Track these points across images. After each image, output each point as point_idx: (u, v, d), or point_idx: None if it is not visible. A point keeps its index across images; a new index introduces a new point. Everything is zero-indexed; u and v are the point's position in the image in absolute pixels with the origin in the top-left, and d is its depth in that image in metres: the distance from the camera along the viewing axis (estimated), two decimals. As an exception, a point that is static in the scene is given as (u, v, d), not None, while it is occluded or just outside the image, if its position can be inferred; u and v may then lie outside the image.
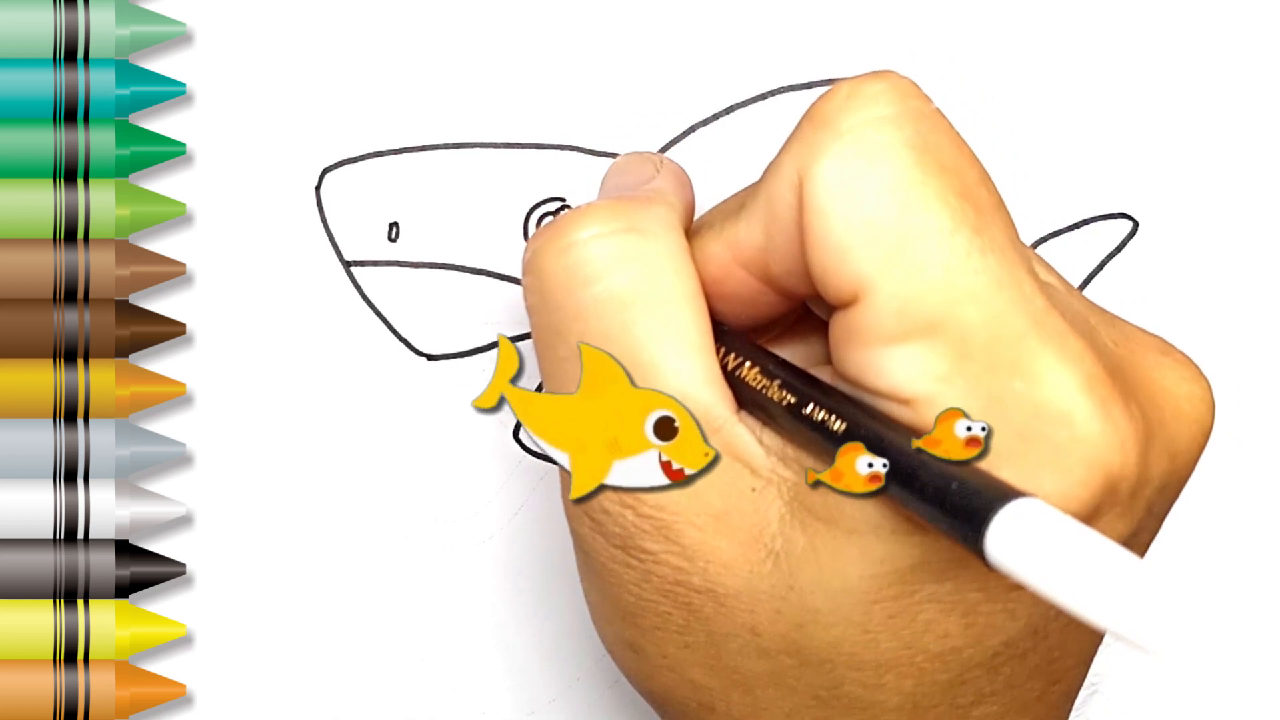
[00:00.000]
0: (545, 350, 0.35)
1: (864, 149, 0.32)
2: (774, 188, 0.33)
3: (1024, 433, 0.31)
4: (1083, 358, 0.31)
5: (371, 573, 0.44)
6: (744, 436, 0.34)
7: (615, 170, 0.39)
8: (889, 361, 0.32)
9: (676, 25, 0.44)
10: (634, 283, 0.34)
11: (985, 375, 0.31)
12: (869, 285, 0.32)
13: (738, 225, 0.34)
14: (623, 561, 0.35)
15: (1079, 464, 0.31)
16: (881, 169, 0.32)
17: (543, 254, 0.35)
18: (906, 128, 0.32)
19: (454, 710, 0.44)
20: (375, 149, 0.44)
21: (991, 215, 0.32)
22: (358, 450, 0.44)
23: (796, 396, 0.33)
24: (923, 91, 0.33)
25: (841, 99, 0.32)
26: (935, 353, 0.31)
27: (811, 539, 0.33)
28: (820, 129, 0.32)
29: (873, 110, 0.32)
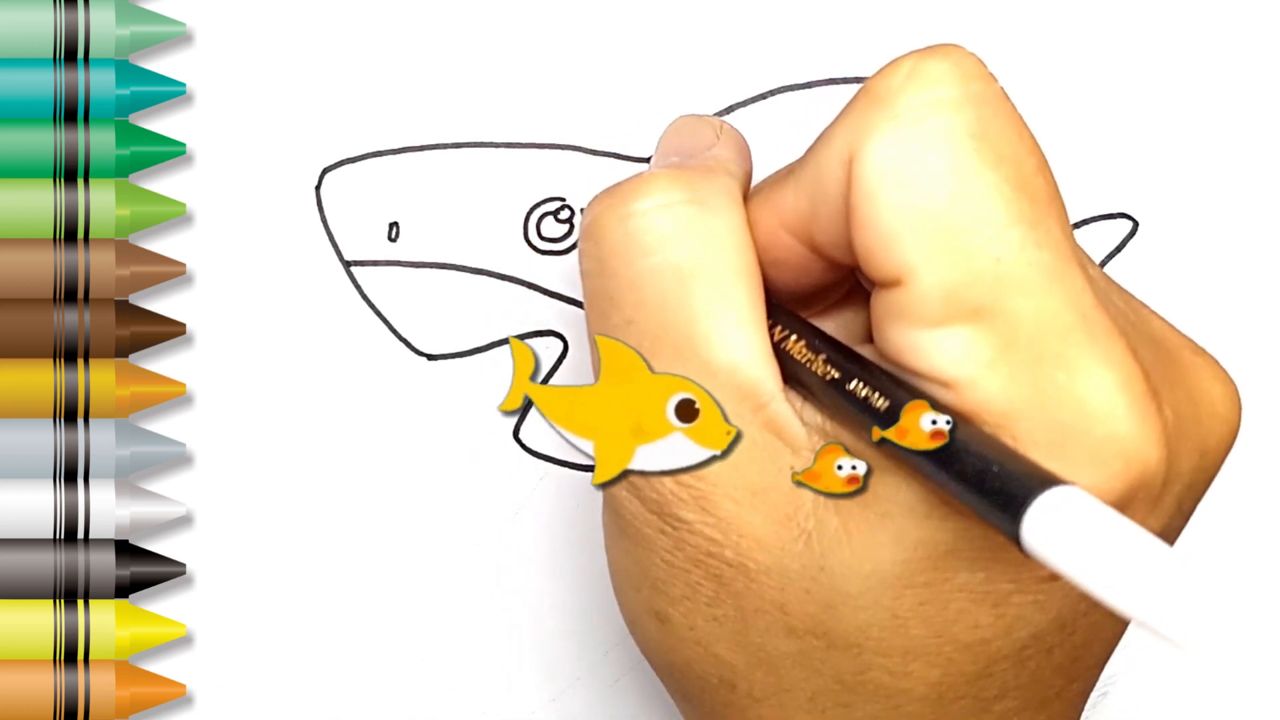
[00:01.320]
0: (598, 317, 0.35)
1: (920, 133, 0.31)
2: (823, 159, 0.33)
3: (1063, 425, 0.31)
4: (1124, 357, 0.31)
5: (371, 573, 0.44)
6: (787, 413, 0.34)
7: (673, 132, 0.38)
8: (931, 344, 0.31)
9: (676, 25, 0.44)
10: (693, 255, 0.34)
11: (1030, 365, 0.31)
12: (913, 271, 0.31)
13: (784, 191, 0.34)
14: (657, 527, 0.34)
15: (1115, 459, 0.31)
16: (936, 155, 0.31)
17: (603, 220, 0.34)
18: (967, 113, 0.32)
19: (454, 710, 0.44)
20: (375, 149, 0.44)
21: (1048, 207, 0.32)
22: (358, 450, 0.44)
23: (840, 371, 0.33)
24: (987, 70, 0.32)
25: (902, 77, 0.32)
26: (981, 338, 0.31)
27: (845, 521, 0.33)
28: (876, 107, 0.32)
29: (933, 92, 0.32)
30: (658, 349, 0.34)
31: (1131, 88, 0.44)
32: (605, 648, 0.44)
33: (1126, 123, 0.44)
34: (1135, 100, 0.44)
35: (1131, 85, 0.44)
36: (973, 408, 0.31)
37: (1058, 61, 0.44)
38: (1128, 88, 0.44)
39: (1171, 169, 0.44)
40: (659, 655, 0.36)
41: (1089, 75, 0.44)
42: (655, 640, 0.36)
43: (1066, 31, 0.44)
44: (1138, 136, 0.44)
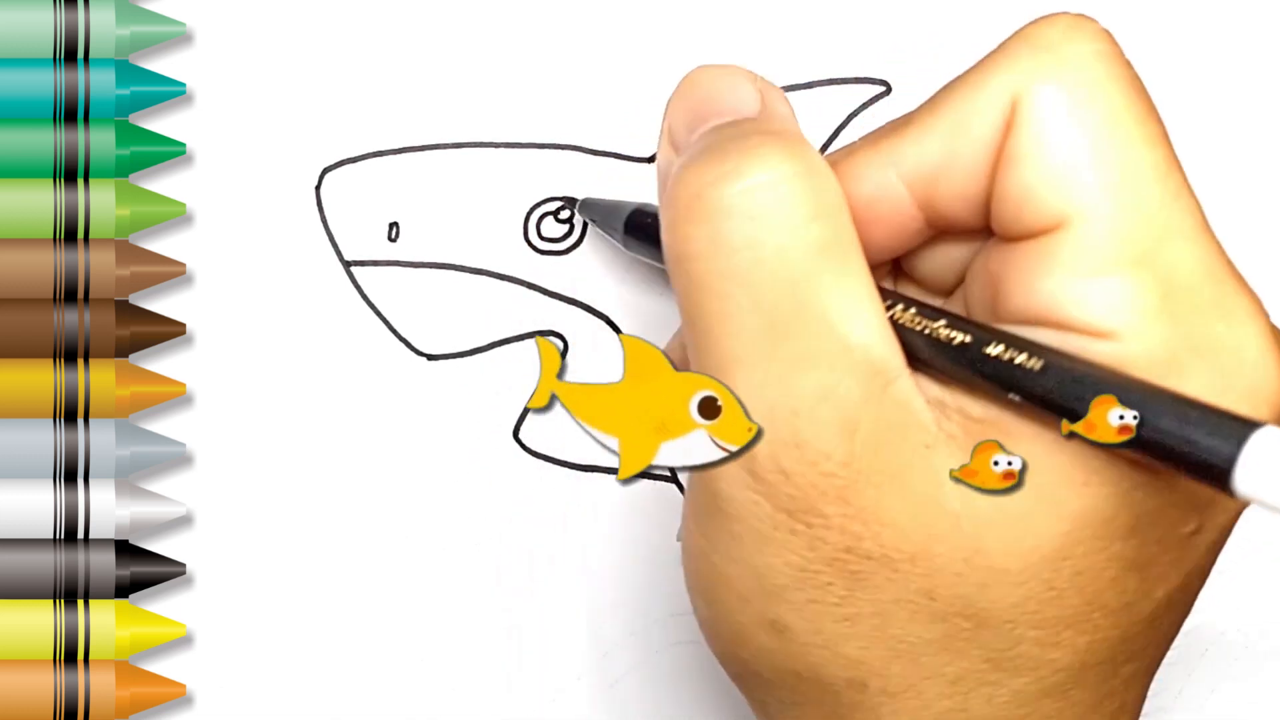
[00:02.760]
0: (715, 300, 0.33)
1: (1090, 77, 0.32)
2: (973, 104, 0.33)
3: (1223, 371, 0.31)
4: (1258, 306, 0.32)
5: (371, 573, 0.44)
6: (912, 389, 0.33)
7: (699, 85, 0.35)
8: (1092, 292, 0.31)
9: (677, 25, 0.44)
10: (827, 229, 0.32)
11: (1190, 313, 0.31)
12: (1082, 212, 0.31)
13: (903, 141, 0.33)
14: (788, 528, 0.33)
15: (1264, 404, 0.31)
16: (1107, 99, 0.32)
17: (713, 195, 0.32)
18: (1122, 65, 0.32)
19: (454, 710, 0.44)
20: (375, 149, 0.44)
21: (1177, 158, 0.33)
22: (358, 450, 0.44)
23: (970, 335, 0.32)
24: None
25: (1064, 27, 0.33)
26: (1144, 286, 0.31)
27: (996, 499, 0.32)
28: (1043, 52, 0.32)
29: (1096, 44, 0.32)
30: (791, 328, 0.32)
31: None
32: (605, 648, 0.44)
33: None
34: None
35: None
36: (1136, 358, 0.31)
37: (1058, 61, 0.44)
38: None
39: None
40: (769, 667, 0.34)
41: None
42: (768, 652, 0.34)
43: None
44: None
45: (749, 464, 0.33)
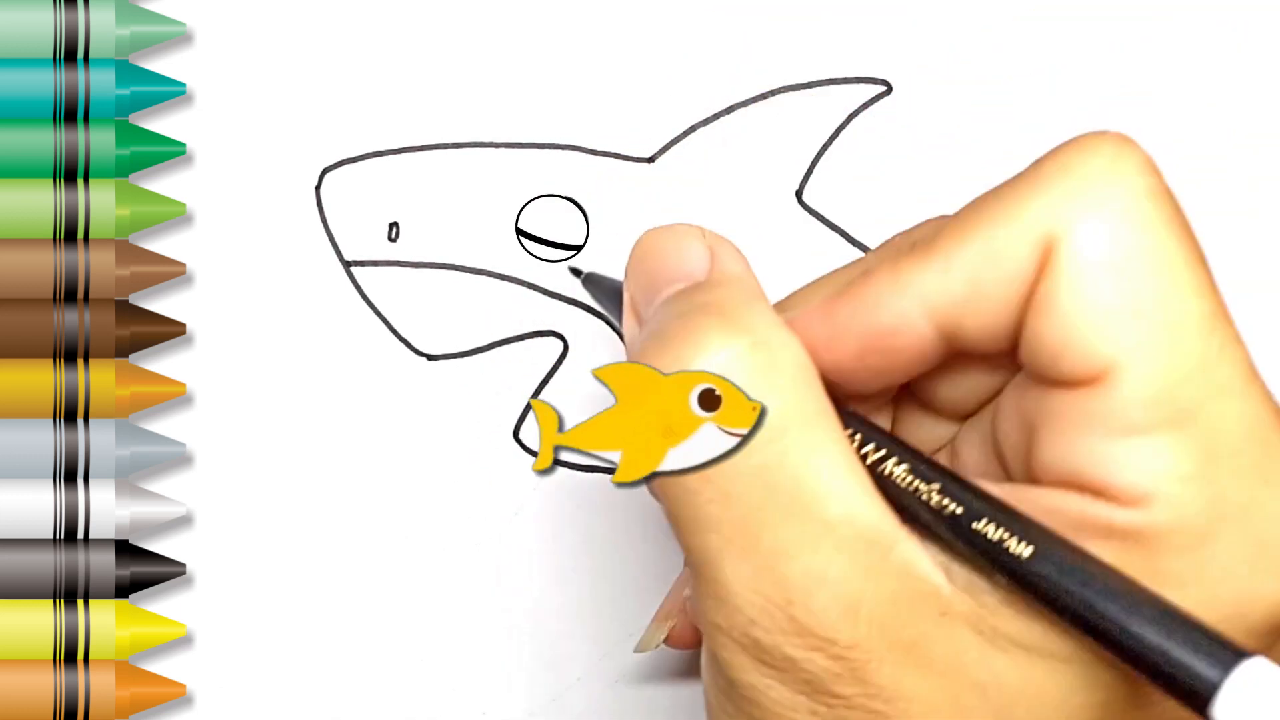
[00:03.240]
0: (683, 495, 0.31)
1: (1134, 219, 0.30)
2: (1004, 235, 0.30)
3: (1263, 540, 0.29)
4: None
5: (371, 573, 0.44)
6: (918, 554, 0.31)
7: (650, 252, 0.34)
8: (1130, 454, 0.29)
9: (677, 25, 0.44)
10: (779, 409, 0.30)
11: (1231, 478, 0.29)
12: (1121, 367, 0.29)
13: (927, 269, 0.31)
14: (809, 709, 0.31)
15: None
16: (1150, 244, 0.29)
17: None
18: (1170, 204, 0.30)
19: (454, 710, 0.44)
20: (375, 149, 0.44)
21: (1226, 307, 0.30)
22: (358, 450, 0.44)
23: (961, 505, 0.30)
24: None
25: (1108, 157, 0.30)
26: (1183, 449, 0.29)
27: (1024, 669, 0.30)
28: (1084, 186, 0.30)
29: (1144, 178, 0.30)
30: (765, 517, 0.30)
31: (1131, 87, 0.44)
32: (605, 648, 0.44)
33: (1126, 122, 0.44)
34: (1135, 100, 0.44)
35: (1131, 85, 0.44)
36: (1167, 525, 0.29)
37: (1058, 61, 0.44)
38: (1128, 87, 0.44)
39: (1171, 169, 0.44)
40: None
41: (1088, 75, 0.44)
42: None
43: (1066, 31, 0.44)
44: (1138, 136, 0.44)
45: (756, 651, 0.31)
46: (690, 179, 0.44)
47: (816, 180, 0.44)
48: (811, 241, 0.44)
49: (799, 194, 0.44)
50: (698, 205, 0.44)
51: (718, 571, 0.31)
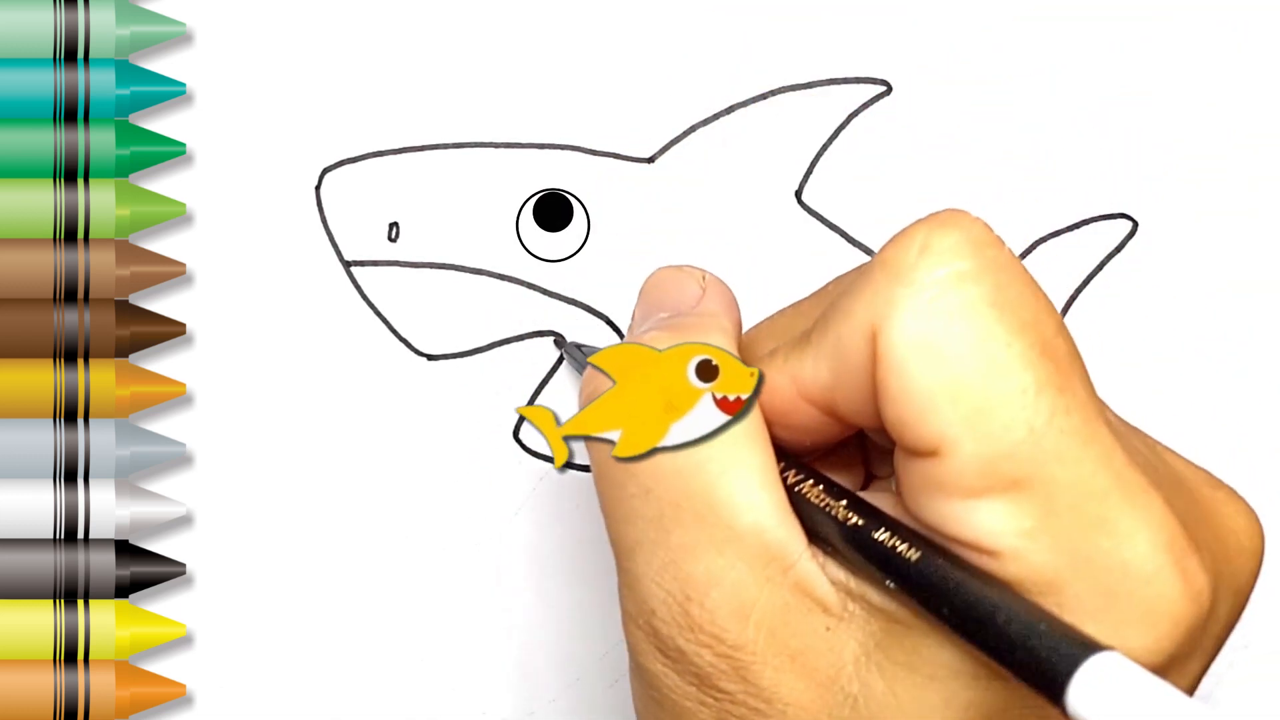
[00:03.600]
0: (612, 488, 0.34)
1: (944, 306, 0.31)
2: (844, 334, 0.33)
3: (1109, 590, 0.31)
4: (1163, 515, 0.31)
5: (371, 573, 0.44)
6: (815, 572, 0.33)
7: (656, 286, 0.38)
8: (970, 514, 0.31)
9: (677, 25, 0.44)
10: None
11: (1071, 532, 0.31)
12: (949, 442, 0.31)
13: (804, 361, 0.34)
14: (698, 700, 0.34)
15: (1163, 620, 0.31)
16: (963, 328, 0.31)
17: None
18: (986, 282, 0.32)
19: (454, 710, 0.44)
20: (375, 149, 0.44)
21: (1071, 368, 0.32)
22: (358, 450, 0.44)
23: (864, 519, 0.33)
24: (995, 236, 0.32)
25: (915, 251, 0.32)
26: (1020, 509, 0.31)
27: (891, 684, 0.33)
28: (895, 282, 0.32)
29: (951, 264, 0.32)
30: (679, 516, 0.33)
31: (1131, 87, 0.44)
32: (605, 648, 0.44)
33: (1126, 122, 0.44)
34: (1135, 100, 0.44)
35: (1131, 85, 0.44)
36: (1017, 576, 0.31)
37: (1058, 61, 0.44)
38: (1127, 87, 0.44)
39: (1171, 169, 0.44)
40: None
41: (1089, 75, 0.44)
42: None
43: (1066, 31, 0.44)
44: (1138, 136, 0.44)
45: (655, 640, 0.34)
46: (690, 179, 0.44)
47: (816, 180, 0.44)
48: (811, 241, 0.44)
49: (799, 194, 0.44)
50: (698, 205, 0.44)
51: (630, 561, 0.34)
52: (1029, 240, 0.44)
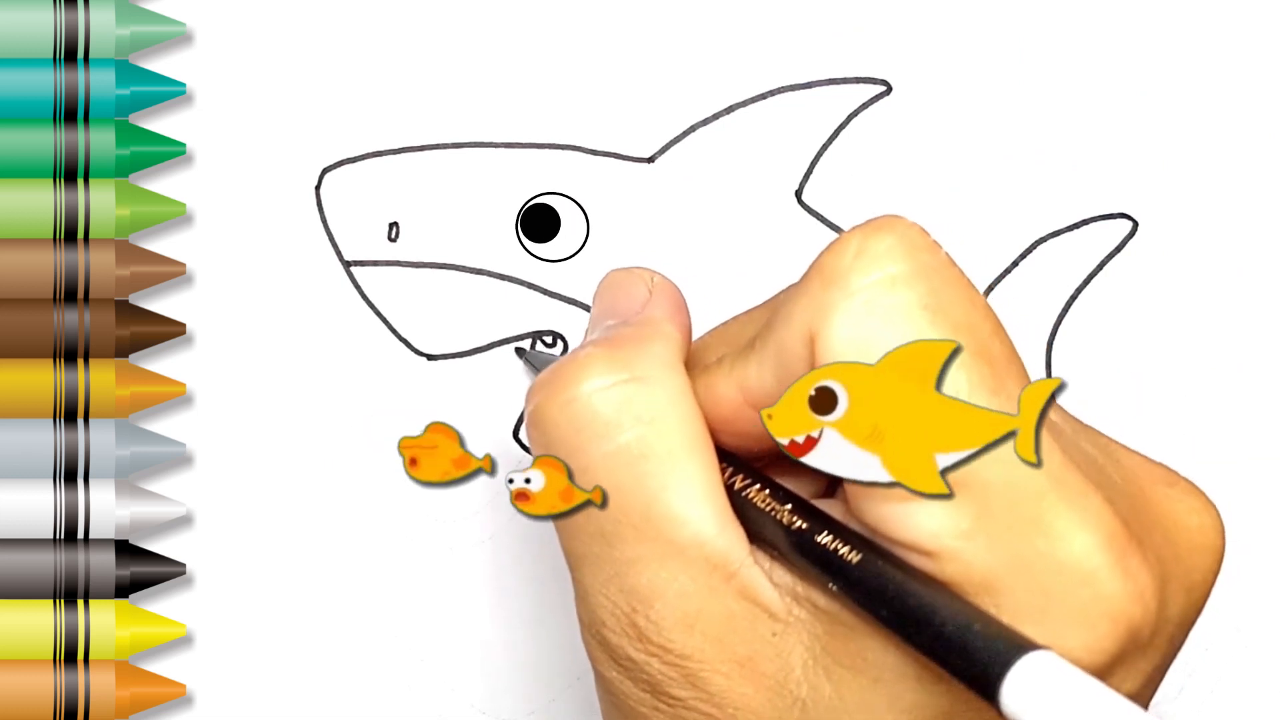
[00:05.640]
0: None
1: (876, 310, 0.32)
2: (784, 339, 0.33)
3: (1047, 590, 0.31)
4: (1101, 513, 0.31)
5: (371, 573, 0.44)
6: (759, 578, 0.34)
7: (605, 291, 0.38)
8: (907, 516, 0.31)
9: (676, 25, 0.44)
10: (641, 437, 0.34)
11: (1007, 533, 0.31)
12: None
13: (748, 367, 0.34)
14: (652, 705, 0.35)
15: (1102, 619, 0.31)
16: (894, 332, 0.31)
17: (545, 409, 0.34)
18: (919, 286, 0.32)
19: (454, 710, 0.44)
20: (375, 149, 0.44)
21: (1006, 370, 0.32)
22: (358, 450, 0.44)
23: (808, 522, 0.33)
24: (931, 239, 0.33)
25: (850, 256, 0.32)
26: (958, 509, 0.31)
27: (838, 687, 0.33)
28: (830, 287, 0.32)
29: (883, 269, 0.32)
30: (620, 531, 0.34)
31: (1131, 87, 0.44)
32: None
33: (1126, 123, 0.44)
34: (1135, 100, 0.44)
35: (1131, 85, 0.44)
36: (955, 577, 0.31)
37: (1059, 61, 0.44)
38: (1127, 87, 0.44)
39: (1171, 169, 0.44)
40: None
41: (1089, 75, 0.44)
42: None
43: (1067, 32, 0.44)
44: (1138, 136, 0.44)
45: (607, 650, 0.35)
46: (690, 179, 0.44)
47: (816, 180, 0.44)
48: (811, 241, 0.44)
49: (799, 194, 0.44)
50: (698, 205, 0.44)
51: (581, 574, 0.35)
52: (1030, 240, 0.44)
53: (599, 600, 0.34)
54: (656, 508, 0.33)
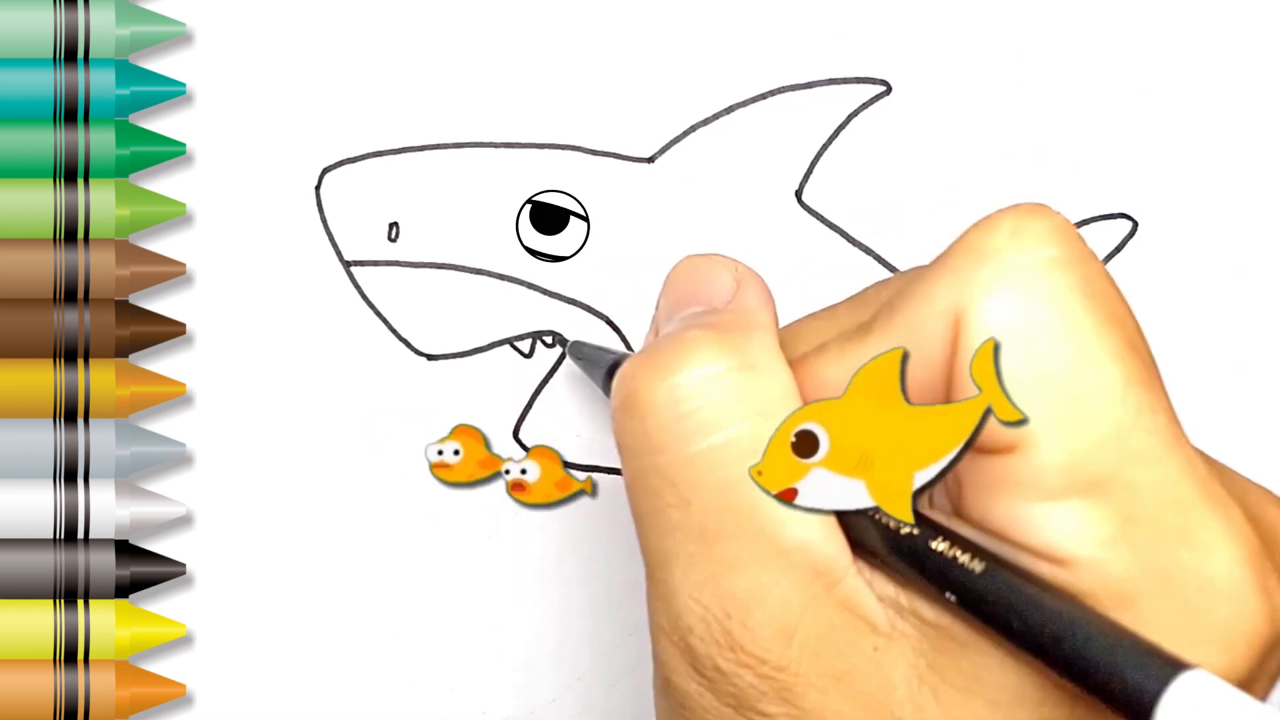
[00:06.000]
0: (647, 496, 0.32)
1: (1036, 291, 0.30)
2: (920, 317, 0.31)
3: (1188, 606, 0.29)
4: (1243, 529, 0.30)
5: (371, 573, 0.44)
6: (862, 589, 0.32)
7: (685, 276, 0.35)
8: (1047, 518, 0.30)
9: (676, 25, 0.44)
10: (754, 430, 0.31)
11: (1152, 542, 0.29)
12: (1033, 435, 0.30)
13: (865, 350, 0.32)
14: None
15: (1240, 639, 0.29)
16: (1054, 314, 0.30)
17: (645, 391, 0.32)
18: (1077, 271, 0.30)
19: (454, 710, 0.44)
20: (375, 149, 0.44)
21: (1154, 371, 0.30)
22: (358, 450, 0.44)
23: (920, 529, 0.31)
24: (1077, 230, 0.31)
25: (1007, 233, 0.30)
26: (1100, 514, 0.30)
27: (947, 709, 0.31)
28: (985, 263, 0.30)
29: (1043, 250, 0.30)
30: (722, 529, 0.31)
31: (1131, 87, 0.44)
32: (605, 649, 0.44)
33: (1126, 123, 0.44)
34: (1135, 100, 0.44)
35: (1131, 85, 0.44)
36: (1091, 588, 0.29)
37: (1059, 61, 0.44)
38: (1127, 88, 0.44)
39: (1171, 169, 0.44)
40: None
41: (1089, 75, 0.44)
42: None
43: (1067, 32, 0.44)
44: (1138, 136, 0.44)
45: (690, 658, 0.32)
46: (690, 179, 0.44)
47: (816, 180, 0.44)
48: (811, 241, 0.44)
49: (799, 194, 0.44)
50: (698, 205, 0.44)
51: (667, 574, 0.32)
52: (1029, 240, 0.44)
53: (687, 604, 0.32)
54: (764, 507, 0.31)
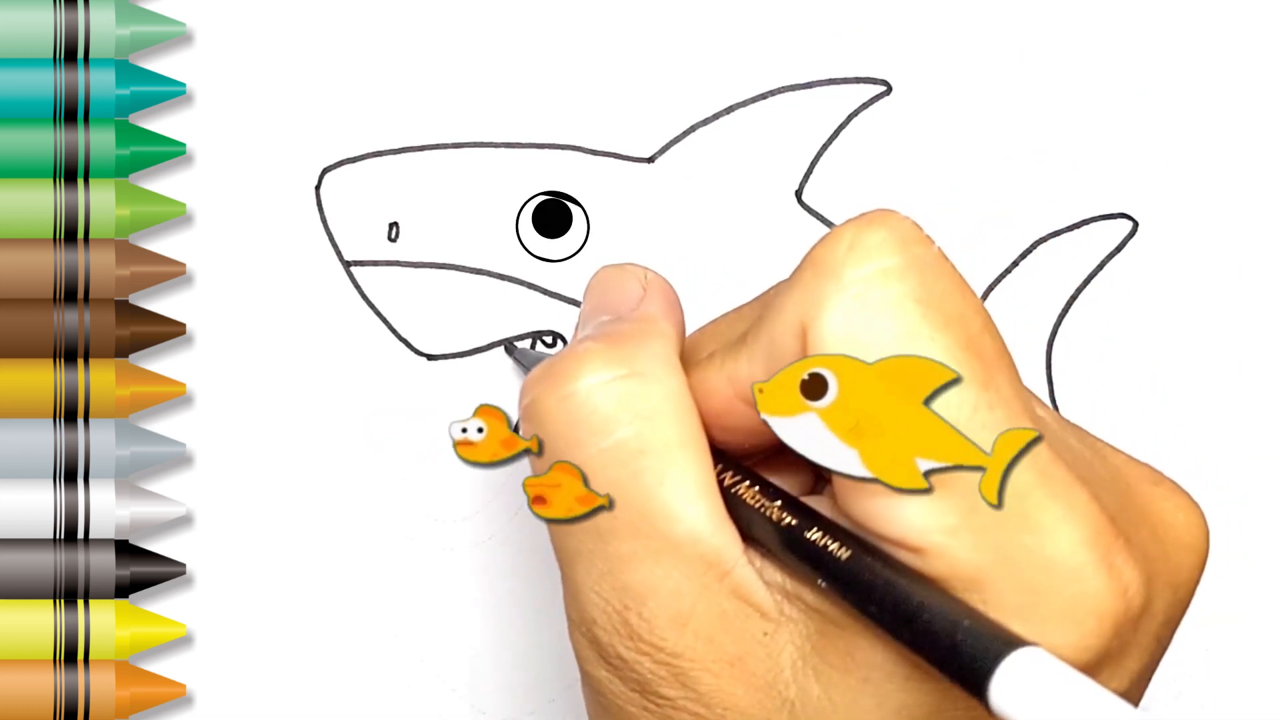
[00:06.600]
0: None
1: (868, 302, 0.32)
2: (776, 331, 0.33)
3: (1033, 587, 0.31)
4: (1088, 509, 0.31)
5: (371, 573, 0.44)
6: (751, 578, 0.34)
7: (598, 287, 0.38)
8: (897, 511, 0.31)
9: (676, 25, 0.44)
10: (639, 434, 0.34)
11: (993, 529, 0.31)
12: None
13: (739, 362, 0.34)
14: (641, 705, 0.35)
15: (1088, 617, 0.31)
16: (886, 324, 0.32)
17: (542, 403, 0.34)
18: (910, 279, 0.32)
19: (454, 710, 0.44)
20: (375, 149, 0.44)
21: (996, 364, 0.32)
22: (358, 450, 0.44)
23: (797, 519, 0.33)
24: (924, 234, 0.33)
25: (844, 248, 0.32)
26: (944, 504, 0.31)
27: (826, 688, 0.33)
28: (823, 278, 0.32)
29: (876, 261, 0.32)
30: (616, 527, 0.34)
31: (1131, 87, 0.44)
32: None
33: (1126, 123, 0.44)
34: (1135, 100, 0.44)
35: (1131, 85, 0.44)
36: (942, 573, 0.31)
37: (1059, 61, 0.44)
38: (1127, 88, 0.44)
39: (1171, 169, 0.44)
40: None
41: (1090, 75, 0.44)
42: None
43: (1067, 31, 0.44)
44: (1138, 136, 0.44)
45: (597, 648, 0.35)
46: (690, 179, 0.44)
47: (816, 180, 0.44)
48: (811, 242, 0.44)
49: (799, 194, 0.44)
50: (698, 205, 0.44)
51: (573, 570, 0.35)
52: (1029, 240, 0.44)
53: (590, 598, 0.34)
54: (653, 504, 0.33)
